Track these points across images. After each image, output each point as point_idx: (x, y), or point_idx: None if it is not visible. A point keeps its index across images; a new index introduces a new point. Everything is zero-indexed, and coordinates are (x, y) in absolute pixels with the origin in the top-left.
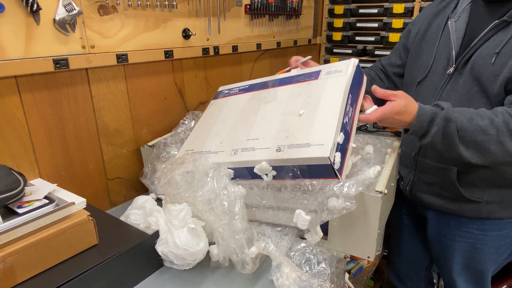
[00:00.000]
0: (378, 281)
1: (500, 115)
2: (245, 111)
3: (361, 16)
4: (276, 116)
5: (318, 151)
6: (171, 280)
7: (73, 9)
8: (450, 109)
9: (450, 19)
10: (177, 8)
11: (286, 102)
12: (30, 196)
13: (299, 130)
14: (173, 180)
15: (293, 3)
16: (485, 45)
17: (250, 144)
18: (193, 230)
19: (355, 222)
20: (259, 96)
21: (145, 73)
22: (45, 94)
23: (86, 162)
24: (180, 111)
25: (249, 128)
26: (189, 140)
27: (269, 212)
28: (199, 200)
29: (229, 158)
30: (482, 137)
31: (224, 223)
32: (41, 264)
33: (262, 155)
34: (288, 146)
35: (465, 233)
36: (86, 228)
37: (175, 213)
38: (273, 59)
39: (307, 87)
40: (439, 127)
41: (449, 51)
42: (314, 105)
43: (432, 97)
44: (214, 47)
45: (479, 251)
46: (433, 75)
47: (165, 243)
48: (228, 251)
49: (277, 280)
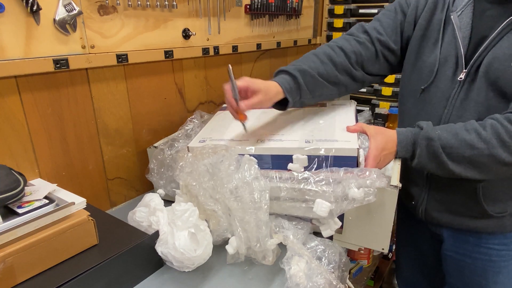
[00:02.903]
0: (378, 281)
1: (489, 127)
2: (263, 117)
3: (361, 16)
4: (297, 122)
5: (347, 144)
6: (171, 280)
7: (73, 9)
8: (430, 127)
9: (452, 13)
10: (177, 8)
11: (303, 115)
12: (30, 196)
13: (323, 132)
14: (196, 170)
15: (293, 3)
16: (498, 45)
17: (276, 137)
18: (193, 235)
19: (371, 216)
20: (272, 110)
21: (145, 73)
22: (45, 94)
23: (86, 162)
24: (180, 111)
25: (272, 127)
26: (203, 131)
27: (287, 204)
28: (226, 187)
29: (255, 145)
30: (470, 151)
31: (251, 212)
32: (41, 264)
33: (292, 144)
34: (317, 140)
35: (487, 250)
36: (86, 228)
37: (179, 214)
38: (273, 59)
39: (318, 109)
40: (422, 148)
41: (457, 52)
42: (331, 119)
43: (444, 108)
44: (214, 47)
45: (504, 270)
46: (441, 82)
47: (165, 244)
48: (250, 241)
49: (289, 270)
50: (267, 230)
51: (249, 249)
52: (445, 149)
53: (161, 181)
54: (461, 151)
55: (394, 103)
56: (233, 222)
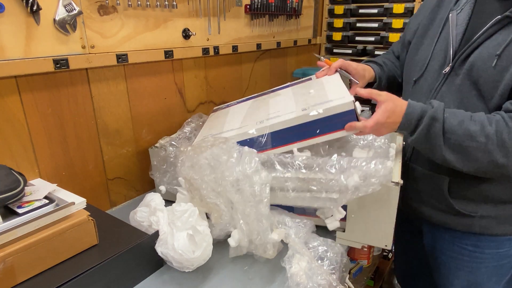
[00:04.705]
0: (378, 281)
1: (494, 123)
2: (254, 106)
3: (361, 16)
4: (289, 99)
5: (342, 100)
6: (171, 280)
7: (73, 9)
8: (440, 108)
9: (452, 12)
10: (177, 8)
11: (292, 92)
12: (30, 196)
13: (316, 98)
14: (197, 163)
15: (293, 3)
16: (486, 44)
17: (273, 115)
18: (191, 237)
19: (373, 213)
20: (262, 97)
21: (145, 73)
22: (45, 94)
23: (86, 162)
24: (180, 111)
25: (266, 110)
26: (203, 131)
27: (291, 194)
28: (227, 180)
29: (255, 126)
30: (469, 142)
31: (251, 205)
32: (41, 264)
33: (289, 116)
34: (312, 105)
35: (460, 249)
36: (86, 228)
37: (179, 214)
38: (273, 59)
39: (305, 83)
40: (424, 125)
41: (447, 48)
42: (320, 86)
43: (426, 99)
44: (214, 47)
45: (476, 271)
46: (429, 74)
47: (164, 244)
48: (252, 234)
49: (289, 269)
50: (268, 223)
51: (251, 244)
52: (446, 134)
53: (164, 178)
54: (461, 139)
55: None
56: (235, 215)
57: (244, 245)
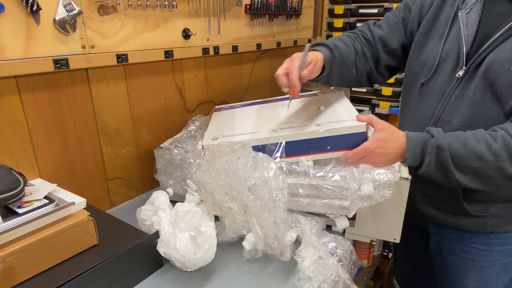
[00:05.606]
0: (378, 281)
1: (500, 139)
2: (263, 112)
3: (361, 16)
4: (299, 112)
5: (355, 122)
6: (171, 280)
7: (73, 9)
8: (441, 135)
9: (461, 10)
10: (177, 8)
11: (301, 105)
12: (30, 196)
13: (327, 115)
14: (214, 167)
15: (293, 3)
16: (502, 46)
17: (286, 125)
18: (193, 238)
19: (383, 207)
20: (269, 105)
21: (145, 73)
22: (45, 94)
23: (86, 162)
24: (180, 111)
25: (277, 118)
26: (211, 129)
27: (305, 201)
28: (244, 185)
29: (270, 134)
30: (478, 163)
31: (269, 210)
32: (41, 264)
33: (304, 129)
34: (326, 122)
35: (469, 248)
36: (86, 228)
37: (182, 215)
38: (273, 59)
39: (313, 98)
40: (432, 156)
41: (459, 49)
42: (329, 104)
43: (438, 103)
44: (214, 47)
45: (484, 269)
46: (440, 77)
47: (166, 244)
48: (268, 238)
49: (302, 262)
50: (286, 227)
51: (266, 245)
52: (454, 159)
53: (170, 181)
54: (469, 162)
55: (394, 103)
56: (250, 219)
57: (260, 248)
